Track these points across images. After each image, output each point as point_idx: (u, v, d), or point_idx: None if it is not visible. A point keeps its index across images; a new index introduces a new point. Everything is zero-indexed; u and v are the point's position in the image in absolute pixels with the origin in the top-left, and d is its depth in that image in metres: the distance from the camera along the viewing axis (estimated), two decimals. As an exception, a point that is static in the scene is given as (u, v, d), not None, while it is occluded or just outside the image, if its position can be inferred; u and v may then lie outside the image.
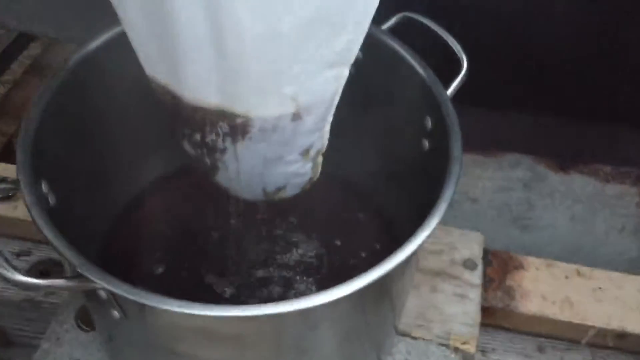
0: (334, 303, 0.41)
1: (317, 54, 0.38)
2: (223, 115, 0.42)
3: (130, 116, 0.58)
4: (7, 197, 0.70)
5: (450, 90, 0.52)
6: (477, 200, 0.86)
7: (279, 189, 0.49)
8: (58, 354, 0.59)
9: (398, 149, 0.59)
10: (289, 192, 0.49)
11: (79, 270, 0.41)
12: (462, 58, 0.53)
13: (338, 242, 0.62)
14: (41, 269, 0.69)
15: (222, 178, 0.48)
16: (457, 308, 0.65)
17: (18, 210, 0.70)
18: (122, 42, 0.53)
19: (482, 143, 0.79)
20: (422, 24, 0.55)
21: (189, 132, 0.46)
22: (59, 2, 0.76)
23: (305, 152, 0.46)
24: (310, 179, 0.48)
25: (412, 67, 0.54)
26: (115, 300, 0.42)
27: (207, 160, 0.47)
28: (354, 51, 0.39)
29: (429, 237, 0.44)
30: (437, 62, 0.54)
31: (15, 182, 0.44)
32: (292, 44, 0.36)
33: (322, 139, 0.45)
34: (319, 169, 0.48)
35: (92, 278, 0.40)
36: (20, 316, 0.68)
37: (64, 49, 1.02)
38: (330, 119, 0.44)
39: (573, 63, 0.79)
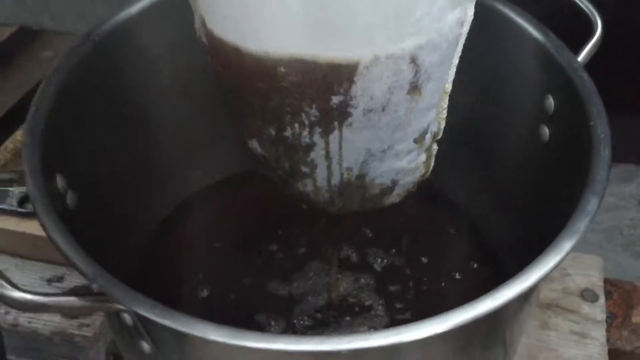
0: (433, 339, 0.30)
1: None
2: (313, 86, 0.32)
3: (175, 103, 0.50)
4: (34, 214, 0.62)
5: (581, 57, 0.40)
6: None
7: (383, 194, 0.38)
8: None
9: (501, 142, 0.49)
10: (395, 197, 0.39)
11: (96, 285, 0.30)
12: (594, 17, 0.41)
13: (424, 260, 0.52)
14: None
15: (305, 186, 0.38)
16: (577, 350, 0.54)
17: (47, 228, 0.61)
18: (163, 9, 0.46)
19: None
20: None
21: (259, 126, 0.36)
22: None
23: (420, 138, 0.36)
24: (422, 176, 0.39)
25: (527, 32, 0.43)
26: (144, 326, 0.31)
27: (285, 163, 0.37)
28: None
29: (561, 261, 0.32)
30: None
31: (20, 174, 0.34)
32: None
33: (438, 118, 0.36)
34: (432, 163, 0.39)
35: (113, 295, 0.29)
36: (51, 352, 0.60)
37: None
38: (449, 87, 0.35)
39: None
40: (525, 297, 0.34)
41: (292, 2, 0.29)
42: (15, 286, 0.30)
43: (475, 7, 0.34)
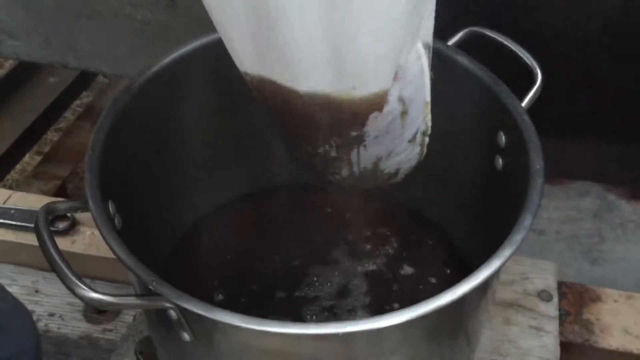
0: (408, 325, 0.39)
1: (408, 40, 0.40)
2: (338, 125, 0.44)
3: (196, 139, 0.58)
4: (65, 232, 0.70)
5: (525, 103, 0.50)
6: (543, 232, 0.83)
7: (390, 177, 0.50)
8: (119, 388, 0.58)
9: (467, 170, 0.58)
10: (399, 178, 0.51)
11: (152, 287, 0.39)
12: (535, 70, 0.51)
13: (407, 267, 0.61)
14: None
15: (334, 178, 0.51)
16: (534, 341, 0.62)
17: (76, 245, 0.69)
18: (188, 61, 0.55)
19: (548, 171, 0.76)
20: (487, 40, 0.54)
21: (300, 144, 0.48)
22: (114, 40, 0.79)
23: (412, 138, 0.47)
24: (417, 161, 0.50)
25: (482, 81, 0.52)
26: (186, 320, 0.40)
27: (319, 166, 0.49)
28: (431, 26, 0.42)
29: (505, 264, 0.42)
30: (505, 80, 0.52)
31: (83, 202, 0.43)
32: (398, 37, 0.40)
33: (424, 121, 0.47)
34: (425, 149, 0.49)
35: (166, 295, 0.39)
36: (78, 354, 0.67)
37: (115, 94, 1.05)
38: (429, 99, 0.45)
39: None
40: (479, 293, 0.43)
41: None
42: (93, 289, 0.39)
43: (437, 59, 0.44)
